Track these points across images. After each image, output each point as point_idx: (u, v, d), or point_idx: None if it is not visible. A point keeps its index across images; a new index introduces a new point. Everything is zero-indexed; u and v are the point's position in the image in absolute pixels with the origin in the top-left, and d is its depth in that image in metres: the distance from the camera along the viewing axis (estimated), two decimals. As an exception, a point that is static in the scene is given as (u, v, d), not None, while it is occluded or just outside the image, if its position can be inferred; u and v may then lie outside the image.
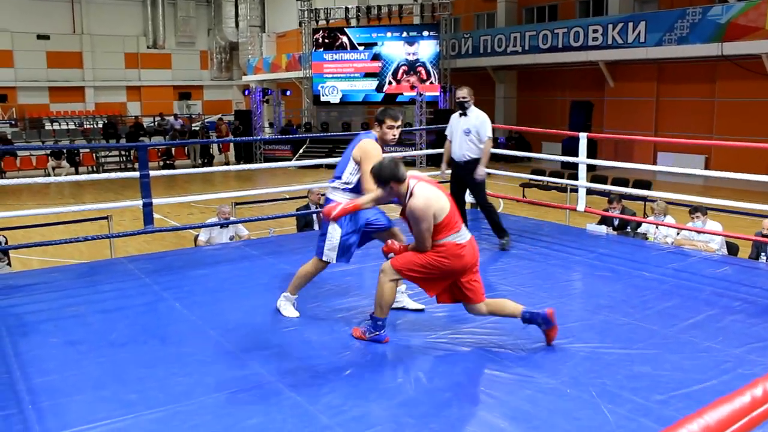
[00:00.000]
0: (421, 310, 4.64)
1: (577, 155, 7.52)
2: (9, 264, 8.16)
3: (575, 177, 7.84)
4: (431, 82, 24.01)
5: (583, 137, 7.37)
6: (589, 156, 7.58)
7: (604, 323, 4.48)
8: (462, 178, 6.69)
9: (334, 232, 4.41)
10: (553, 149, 20.62)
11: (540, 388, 3.50)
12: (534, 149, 21.68)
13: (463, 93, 6.55)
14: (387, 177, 3.83)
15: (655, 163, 18.42)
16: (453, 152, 6.68)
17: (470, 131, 6.52)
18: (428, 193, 3.84)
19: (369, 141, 4.51)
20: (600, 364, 3.78)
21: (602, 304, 4.86)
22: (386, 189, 3.88)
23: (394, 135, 4.53)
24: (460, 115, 6.62)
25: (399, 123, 4.55)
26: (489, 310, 4.07)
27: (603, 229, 7.77)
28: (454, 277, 3.96)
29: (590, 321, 4.54)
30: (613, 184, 13.81)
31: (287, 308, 4.61)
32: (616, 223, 8.58)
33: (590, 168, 8.69)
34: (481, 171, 6.58)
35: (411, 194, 3.83)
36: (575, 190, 8.37)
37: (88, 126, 30.37)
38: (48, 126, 29.86)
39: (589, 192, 8.33)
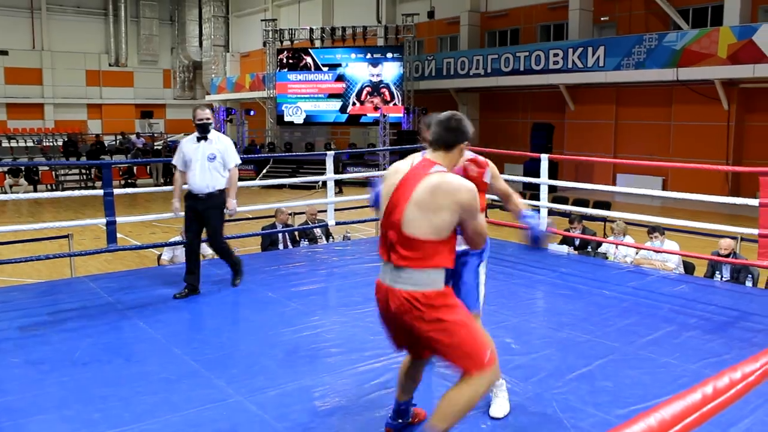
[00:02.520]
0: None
1: (538, 176, 7.66)
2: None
3: (537, 198, 7.97)
4: (395, 104, 24.21)
5: (544, 159, 7.52)
6: (550, 177, 7.74)
7: (567, 340, 4.57)
8: (202, 212, 5.62)
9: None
10: (515, 170, 20.89)
11: (504, 403, 3.55)
12: (496, 170, 21.91)
13: (206, 114, 5.63)
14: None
15: (614, 184, 18.82)
16: (192, 183, 5.59)
17: (215, 157, 5.59)
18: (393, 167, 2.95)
19: None
20: (562, 379, 3.85)
21: (564, 322, 4.95)
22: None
23: None
24: (199, 139, 5.62)
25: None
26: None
27: (564, 248, 7.91)
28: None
29: (553, 338, 4.62)
30: (573, 204, 14.04)
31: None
32: (577, 242, 8.74)
33: (551, 189, 8.86)
34: (233, 204, 5.73)
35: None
36: (537, 210, 8.52)
37: (48, 144, 29.87)
38: (5, 143, 29.26)
39: (551, 212, 8.49)
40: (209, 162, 5.55)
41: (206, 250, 8.54)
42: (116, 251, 6.67)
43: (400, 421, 3.15)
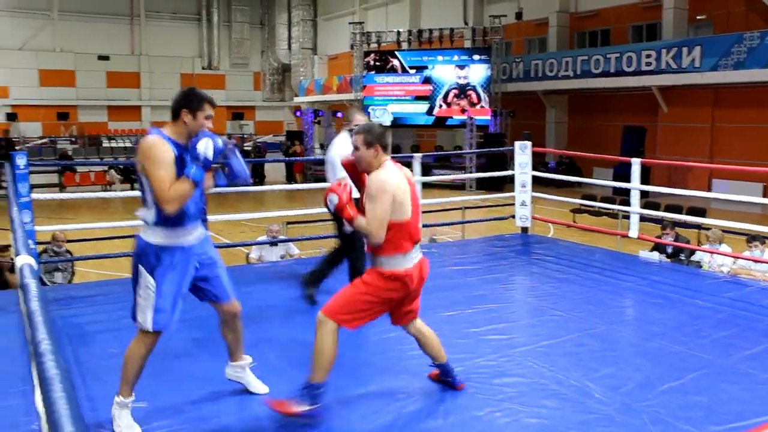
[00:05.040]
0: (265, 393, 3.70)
1: (628, 181, 7.44)
2: (73, 275, 8.47)
3: (627, 203, 7.74)
4: (482, 106, 24.00)
5: (635, 163, 7.29)
6: (642, 182, 7.49)
7: (657, 350, 4.41)
8: None
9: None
10: (603, 175, 20.35)
11: (592, 413, 3.47)
12: (584, 174, 21.41)
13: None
14: (376, 137, 3.42)
15: (710, 190, 18.04)
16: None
17: None
18: (395, 176, 3.41)
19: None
20: (653, 391, 3.73)
21: (655, 332, 4.79)
22: (370, 151, 3.41)
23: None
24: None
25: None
26: (414, 333, 3.69)
27: (656, 256, 7.66)
28: (396, 305, 3.56)
29: (642, 348, 4.48)
30: (666, 210, 13.54)
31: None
32: (669, 250, 8.44)
33: (643, 194, 8.58)
34: None
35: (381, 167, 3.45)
36: (627, 216, 8.27)
37: (145, 144, 31.19)
38: (106, 143, 30.82)
39: (642, 218, 8.23)
40: None
41: (293, 249, 8.73)
42: (207, 249, 6.88)
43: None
